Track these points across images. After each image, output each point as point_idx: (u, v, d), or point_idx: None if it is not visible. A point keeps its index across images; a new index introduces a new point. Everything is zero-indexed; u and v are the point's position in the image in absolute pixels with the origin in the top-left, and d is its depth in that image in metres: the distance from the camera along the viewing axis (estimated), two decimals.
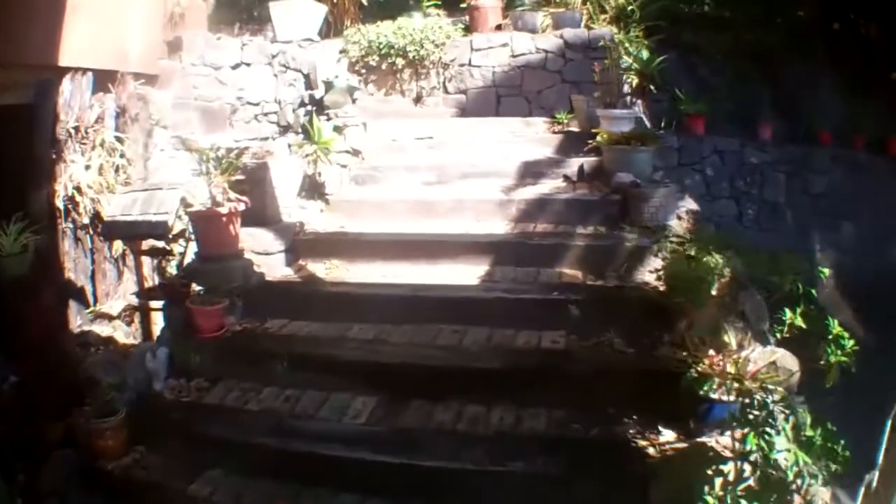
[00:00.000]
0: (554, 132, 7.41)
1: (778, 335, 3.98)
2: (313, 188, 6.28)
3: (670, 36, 8.72)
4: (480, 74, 8.16)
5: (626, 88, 7.60)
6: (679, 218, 5.31)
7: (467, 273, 4.98)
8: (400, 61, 8.41)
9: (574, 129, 7.47)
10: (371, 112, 7.53)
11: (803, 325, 3.82)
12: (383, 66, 8.52)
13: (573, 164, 6.31)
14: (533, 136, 7.14)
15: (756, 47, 9.54)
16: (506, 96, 8.10)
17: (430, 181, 6.36)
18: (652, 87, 7.37)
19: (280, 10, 8.87)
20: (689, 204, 5.49)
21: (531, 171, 6.28)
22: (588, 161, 6.32)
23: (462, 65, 8.26)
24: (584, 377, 3.96)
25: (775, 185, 9.18)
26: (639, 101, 7.33)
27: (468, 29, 8.70)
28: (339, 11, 9.35)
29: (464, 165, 6.39)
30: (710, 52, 9.42)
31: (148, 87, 7.11)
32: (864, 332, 8.75)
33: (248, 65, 8.64)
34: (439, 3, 9.39)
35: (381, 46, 8.42)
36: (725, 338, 3.63)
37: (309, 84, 8.22)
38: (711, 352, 3.55)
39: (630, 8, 8.73)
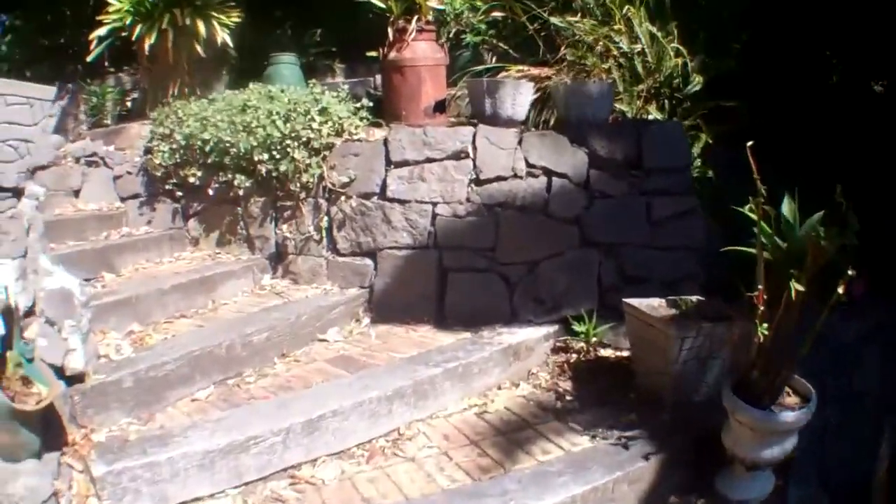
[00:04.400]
0: (574, 369, 3.40)
1: None
2: None
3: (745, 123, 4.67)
4: (405, 220, 3.85)
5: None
6: None
7: None
8: (242, 181, 4.05)
9: (611, 353, 3.42)
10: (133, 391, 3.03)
11: None
12: (212, 189, 4.16)
13: None
14: (550, 447, 2.90)
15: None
16: (460, 270, 3.81)
17: None
18: None
19: None
20: None
21: None
22: None
23: (368, 195, 3.94)
24: None
25: None
26: None
27: (381, 112, 4.36)
28: (159, 74, 4.93)
29: None
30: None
31: None
32: None
33: None
34: (333, 48, 5.06)
35: (208, 149, 4.06)
36: None
37: None
38: None
39: (693, 77, 4.58)
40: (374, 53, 4.68)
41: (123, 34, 4.68)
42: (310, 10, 5.63)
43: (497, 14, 4.95)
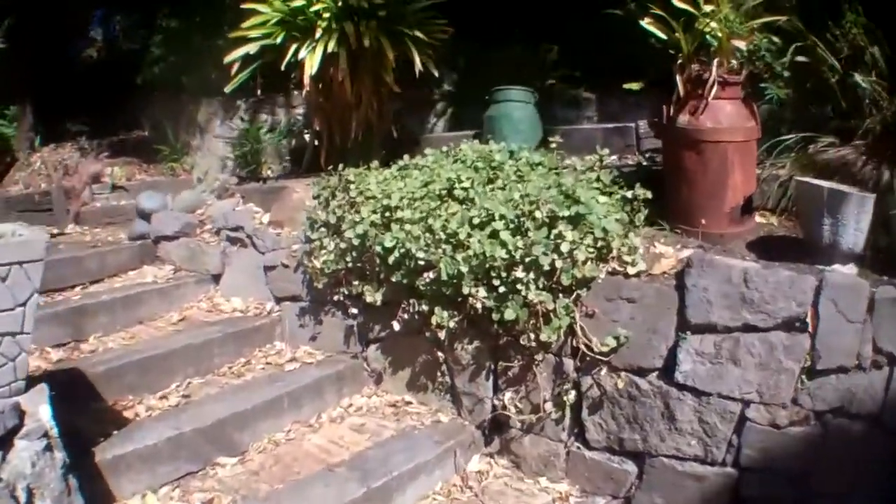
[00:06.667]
0: None
1: None
2: None
3: None
4: (699, 421, 2.52)
5: None
6: None
7: None
8: (444, 318, 2.79)
9: None
10: None
11: None
12: (400, 324, 2.95)
13: None
14: None
15: None
16: None
17: None
18: None
19: None
20: None
21: None
22: None
23: (643, 371, 2.61)
24: None
25: None
26: None
27: (657, 200, 2.95)
28: (331, 112, 3.67)
29: None
30: None
31: None
32: None
33: None
34: (576, 73, 3.72)
35: (391, 261, 2.81)
36: None
37: None
38: None
39: None
40: (634, 86, 3.30)
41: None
42: (544, 20, 4.12)
43: (800, 59, 3.38)
